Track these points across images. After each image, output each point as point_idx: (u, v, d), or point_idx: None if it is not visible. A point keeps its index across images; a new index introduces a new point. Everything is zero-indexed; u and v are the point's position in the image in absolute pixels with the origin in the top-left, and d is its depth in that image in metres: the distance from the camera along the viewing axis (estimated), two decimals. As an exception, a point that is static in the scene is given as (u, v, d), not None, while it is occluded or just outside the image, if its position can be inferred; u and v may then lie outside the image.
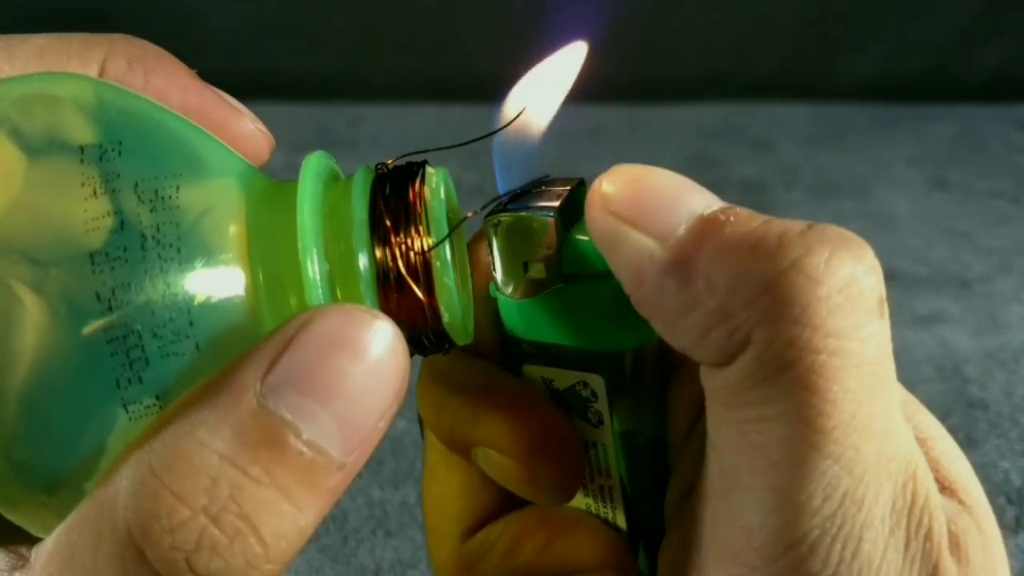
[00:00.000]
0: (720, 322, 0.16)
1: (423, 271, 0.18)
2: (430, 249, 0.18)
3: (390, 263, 0.17)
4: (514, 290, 0.20)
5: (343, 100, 0.88)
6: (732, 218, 0.17)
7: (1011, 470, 0.50)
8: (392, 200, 0.18)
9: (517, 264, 0.20)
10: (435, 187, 0.18)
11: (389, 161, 0.19)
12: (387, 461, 0.50)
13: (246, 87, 0.25)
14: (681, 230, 0.17)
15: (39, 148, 0.17)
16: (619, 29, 0.90)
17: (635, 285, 0.18)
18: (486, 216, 0.20)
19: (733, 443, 0.17)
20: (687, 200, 0.18)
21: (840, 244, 0.16)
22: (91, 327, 0.16)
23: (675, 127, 0.88)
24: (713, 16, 0.91)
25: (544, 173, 0.21)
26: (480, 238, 0.22)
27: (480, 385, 0.22)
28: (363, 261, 0.17)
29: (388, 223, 0.17)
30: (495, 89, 0.21)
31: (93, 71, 0.19)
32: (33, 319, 0.16)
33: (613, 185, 0.18)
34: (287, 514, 0.15)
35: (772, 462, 0.16)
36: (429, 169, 0.18)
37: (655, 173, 0.18)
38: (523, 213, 0.20)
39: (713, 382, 0.17)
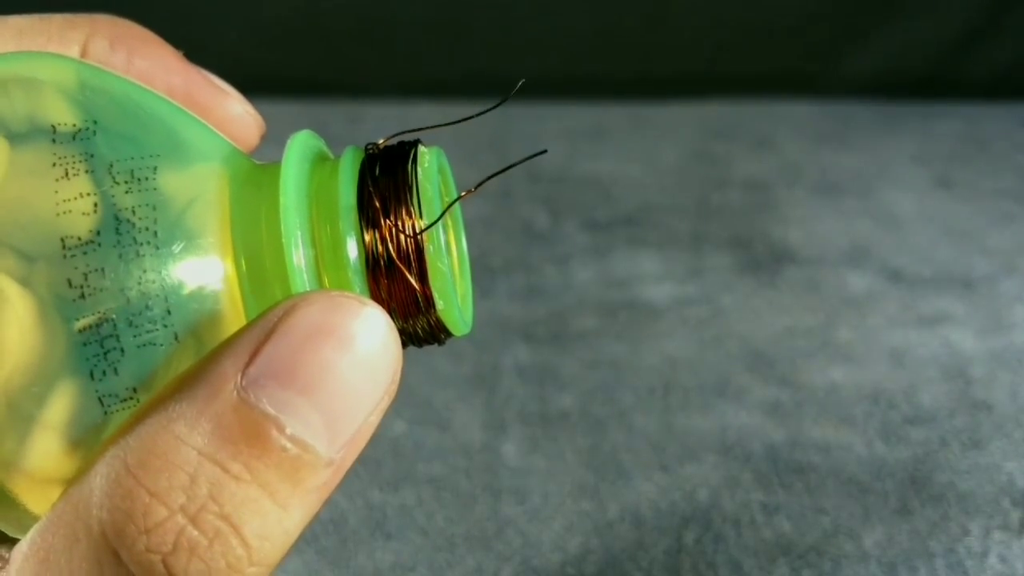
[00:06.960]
0: None
1: (415, 256, 0.16)
2: (422, 231, 0.16)
3: (380, 247, 0.16)
4: None
5: (343, 99, 0.87)
6: None
7: (1016, 472, 0.49)
8: (382, 180, 0.17)
9: None
10: (427, 167, 0.17)
11: (380, 141, 0.18)
12: (386, 463, 0.50)
13: (245, 86, 0.25)
14: None
15: (20, 133, 0.16)
16: (621, 26, 0.90)
17: None
18: None
19: None
20: None
21: None
22: (65, 315, 0.15)
23: (677, 125, 0.88)
24: (715, 13, 0.91)
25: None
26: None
27: None
28: (351, 246, 0.16)
29: (377, 204, 0.16)
30: (495, 88, 0.20)
31: (74, 52, 0.18)
32: (14, 310, 0.15)
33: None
34: (271, 513, 0.14)
35: None
36: (422, 148, 0.17)
37: None
38: None
39: None
